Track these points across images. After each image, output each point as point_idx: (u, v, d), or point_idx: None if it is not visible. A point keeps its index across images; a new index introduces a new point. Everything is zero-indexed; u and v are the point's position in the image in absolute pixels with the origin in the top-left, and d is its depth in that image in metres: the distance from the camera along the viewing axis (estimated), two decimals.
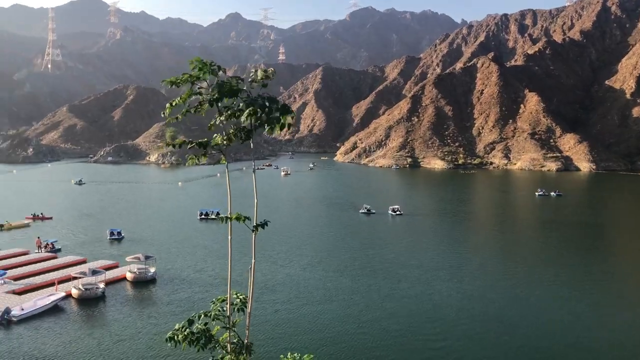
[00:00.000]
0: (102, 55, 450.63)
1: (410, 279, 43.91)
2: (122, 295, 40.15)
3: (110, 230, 61.48)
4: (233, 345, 5.35)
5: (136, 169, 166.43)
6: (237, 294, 5.64)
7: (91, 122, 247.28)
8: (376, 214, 76.81)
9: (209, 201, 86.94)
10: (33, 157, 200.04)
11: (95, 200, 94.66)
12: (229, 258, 5.30)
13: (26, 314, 33.79)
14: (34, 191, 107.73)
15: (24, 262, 47.74)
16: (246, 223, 5.33)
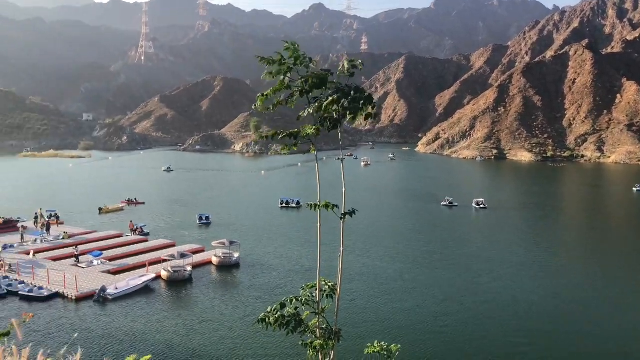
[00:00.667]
0: (191, 47, 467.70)
1: (491, 274, 42.68)
2: (208, 278, 41.76)
3: (200, 215, 64.06)
4: (322, 331, 5.42)
5: (222, 158, 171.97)
6: (325, 281, 5.70)
7: (181, 112, 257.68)
8: (459, 207, 75.06)
9: (290, 190, 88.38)
10: (127, 145, 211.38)
11: (183, 187, 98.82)
12: (319, 245, 5.36)
13: (120, 293, 35.94)
14: (128, 177, 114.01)
15: (118, 244, 50.72)
16: (334, 211, 5.34)
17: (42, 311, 33.33)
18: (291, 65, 5.14)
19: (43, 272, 39.44)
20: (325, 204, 5.30)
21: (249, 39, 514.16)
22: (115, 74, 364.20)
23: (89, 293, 35.88)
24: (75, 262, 43.13)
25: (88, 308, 34.43)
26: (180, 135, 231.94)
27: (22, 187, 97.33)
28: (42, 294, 35.72)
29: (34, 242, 50.51)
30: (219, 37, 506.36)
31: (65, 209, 67.39)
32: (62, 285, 36.73)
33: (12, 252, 46.20)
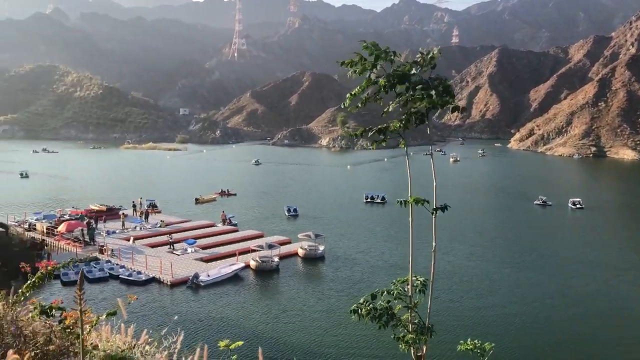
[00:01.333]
0: (282, 43, 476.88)
1: (585, 277, 40.57)
2: (293, 269, 42.73)
3: (288, 207, 65.63)
4: (414, 326, 5.50)
5: (309, 152, 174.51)
6: (416, 277, 5.76)
7: (271, 107, 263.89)
8: (553, 206, 71.75)
9: (375, 185, 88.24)
10: (220, 138, 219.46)
11: (271, 180, 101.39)
12: (410, 240, 5.44)
13: (211, 280, 37.60)
14: (220, 169, 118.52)
15: (210, 233, 52.97)
16: (425, 206, 5.40)
17: (139, 294, 35.52)
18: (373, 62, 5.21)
19: (141, 257, 41.99)
20: (416, 199, 5.36)
21: (338, 34, 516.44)
22: (210, 71, 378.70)
23: (183, 279, 37.80)
24: (170, 249, 45.52)
25: (181, 293, 36.32)
26: (270, 129, 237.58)
27: (124, 177, 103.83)
28: (140, 279, 38.06)
29: (134, 229, 53.82)
30: (308, 33, 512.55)
31: (162, 199, 71.21)
32: (159, 270, 38.93)
33: (114, 238, 49.54)
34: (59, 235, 48.02)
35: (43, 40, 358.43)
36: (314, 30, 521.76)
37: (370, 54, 5.23)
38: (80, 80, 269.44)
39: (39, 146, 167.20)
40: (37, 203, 69.97)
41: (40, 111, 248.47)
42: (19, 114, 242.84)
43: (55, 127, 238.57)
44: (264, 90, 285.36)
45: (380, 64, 5.21)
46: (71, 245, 46.21)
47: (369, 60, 5.24)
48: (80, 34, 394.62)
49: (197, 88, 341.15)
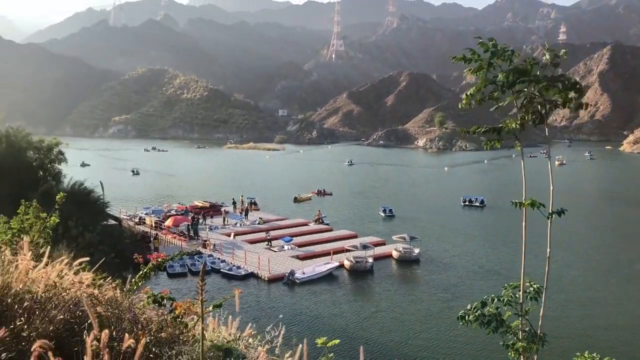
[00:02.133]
0: (380, 43, 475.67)
1: None
2: (387, 271, 42.49)
3: (383, 207, 65.50)
4: (525, 333, 5.30)
5: (404, 153, 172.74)
6: (530, 282, 5.53)
7: (367, 107, 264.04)
8: None
9: (473, 188, 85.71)
10: (316, 139, 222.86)
11: (366, 180, 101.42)
12: (523, 245, 5.23)
13: (306, 278, 38.27)
14: (316, 169, 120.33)
15: (305, 231, 53.91)
16: (540, 210, 5.17)
17: (239, 288, 36.89)
18: (489, 61, 5.04)
19: (241, 253, 43.57)
20: (531, 202, 5.15)
21: (437, 32, 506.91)
22: (308, 72, 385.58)
23: (279, 275, 38.78)
24: (267, 246, 46.84)
25: (278, 289, 37.26)
26: (365, 130, 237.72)
27: (226, 175, 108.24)
28: (239, 273, 39.51)
29: (234, 225, 55.92)
30: (406, 33, 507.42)
31: (261, 197, 73.41)
32: (257, 266, 40.18)
33: (216, 233, 51.76)
34: (166, 229, 50.91)
35: (154, 45, 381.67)
36: (413, 29, 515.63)
37: (485, 50, 5.08)
38: (187, 83, 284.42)
39: (149, 145, 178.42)
40: (146, 198, 74.66)
41: (150, 112, 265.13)
42: (132, 115, 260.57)
43: (163, 127, 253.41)
44: (360, 91, 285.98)
45: (497, 64, 5.03)
46: (177, 239, 48.86)
47: (484, 58, 5.08)
48: (188, 39, 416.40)
49: (295, 89, 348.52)
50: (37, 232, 6.21)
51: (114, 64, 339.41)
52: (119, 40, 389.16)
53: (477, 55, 5.08)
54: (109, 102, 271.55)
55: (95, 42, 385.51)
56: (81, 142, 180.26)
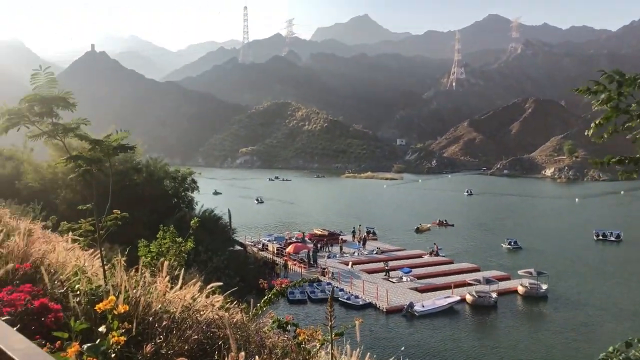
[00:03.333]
0: (502, 70, 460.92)
1: None
2: (512, 307, 40.29)
3: (508, 239, 62.99)
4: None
5: (531, 183, 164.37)
6: None
7: (489, 135, 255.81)
8: None
9: (608, 221, 79.28)
10: (435, 168, 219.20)
11: (488, 211, 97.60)
12: None
13: (426, 311, 37.32)
14: (435, 199, 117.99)
15: (425, 263, 52.81)
16: None
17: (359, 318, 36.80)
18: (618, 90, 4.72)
19: (359, 282, 43.56)
20: None
21: (565, 57, 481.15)
22: (427, 101, 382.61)
23: (398, 307, 38.17)
24: (385, 277, 46.41)
25: (397, 321, 36.65)
26: (487, 159, 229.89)
27: (344, 203, 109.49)
28: (357, 303, 39.45)
29: (352, 254, 56.19)
30: (531, 58, 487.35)
31: (379, 226, 73.23)
32: (375, 296, 39.91)
33: (334, 261, 52.29)
34: (287, 255, 52.37)
35: (278, 80, 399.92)
36: (538, 54, 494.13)
37: (609, 82, 4.78)
38: (308, 115, 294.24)
39: (273, 174, 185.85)
40: (269, 226, 77.44)
41: (274, 143, 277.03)
42: (257, 146, 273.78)
43: (286, 157, 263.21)
44: (482, 119, 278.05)
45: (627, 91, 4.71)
46: (297, 266, 50.03)
47: (612, 89, 4.78)
48: (310, 72, 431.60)
49: (414, 118, 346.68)
50: (173, 255, 6.69)
51: (242, 98, 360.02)
52: (246, 76, 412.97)
53: (603, 86, 4.79)
54: (236, 135, 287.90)
55: (226, 78, 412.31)
56: (211, 171, 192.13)
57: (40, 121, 4.30)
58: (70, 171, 5.13)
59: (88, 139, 4.48)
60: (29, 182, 35.07)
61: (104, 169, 4.93)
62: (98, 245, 5.38)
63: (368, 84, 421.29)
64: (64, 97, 4.19)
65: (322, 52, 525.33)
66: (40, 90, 4.18)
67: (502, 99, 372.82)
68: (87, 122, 4.43)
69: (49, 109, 4.16)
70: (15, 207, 21.44)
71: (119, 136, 4.63)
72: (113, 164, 4.94)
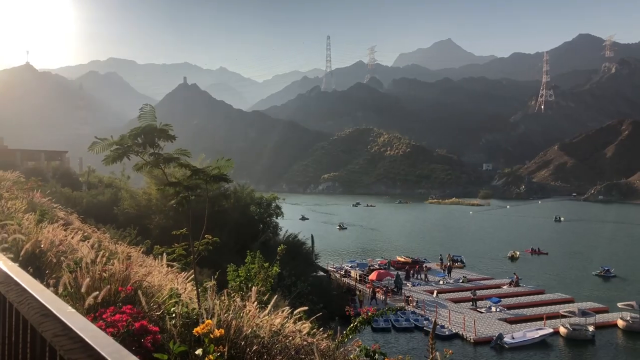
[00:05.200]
0: (595, 91, 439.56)
1: None
2: (612, 341, 37.59)
3: (602, 268, 60.06)
4: None
5: (627, 209, 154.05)
6: None
7: (581, 159, 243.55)
8: None
9: None
10: (524, 193, 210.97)
11: (582, 238, 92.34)
12: None
13: (516, 343, 35.56)
14: (526, 225, 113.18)
15: (515, 293, 50.52)
16: None
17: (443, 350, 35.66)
18: None
19: (445, 311, 42.29)
20: None
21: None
22: (514, 124, 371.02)
23: (487, 338, 36.63)
24: (473, 306, 44.80)
25: (485, 353, 35.16)
26: (580, 184, 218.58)
27: (428, 230, 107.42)
28: (443, 333, 38.22)
29: (437, 282, 54.77)
30: (627, 78, 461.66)
31: (466, 254, 71.10)
32: (462, 326, 38.57)
33: (418, 290, 51.18)
34: (370, 282, 51.85)
35: (360, 106, 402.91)
36: (635, 73, 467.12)
37: None
38: (390, 141, 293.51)
39: (355, 200, 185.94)
40: (351, 252, 77.25)
41: (356, 169, 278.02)
42: (339, 172, 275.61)
43: (367, 183, 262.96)
44: (573, 142, 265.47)
45: None
46: (380, 294, 49.38)
47: None
48: (391, 98, 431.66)
49: (500, 142, 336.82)
50: (260, 280, 6.84)
51: (325, 125, 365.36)
52: (329, 103, 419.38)
53: None
54: (319, 161, 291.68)
55: (309, 106, 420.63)
56: (295, 197, 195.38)
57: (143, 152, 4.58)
58: (165, 198, 5.41)
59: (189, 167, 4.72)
60: (126, 208, 37.19)
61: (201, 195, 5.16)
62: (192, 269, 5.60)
63: (452, 108, 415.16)
64: (165, 129, 4.45)
65: (405, 77, 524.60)
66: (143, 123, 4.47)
67: (594, 121, 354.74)
68: (188, 154, 4.68)
69: (152, 140, 4.44)
70: (113, 232, 22.80)
71: (219, 164, 4.83)
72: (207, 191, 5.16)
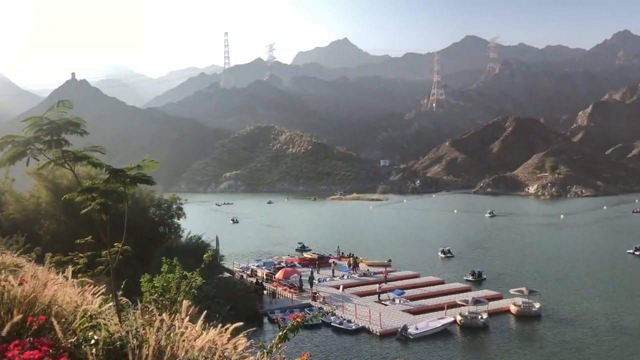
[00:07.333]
0: (482, 90, 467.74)
1: None
2: (504, 327, 39.81)
3: (472, 270, 57.01)
4: None
5: (513, 201, 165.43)
6: None
7: (471, 155, 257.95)
8: None
9: (592, 237, 79.68)
10: (419, 188, 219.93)
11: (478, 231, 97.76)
12: None
13: (420, 334, 36.72)
14: (419, 219, 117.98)
15: (417, 284, 52.32)
16: None
17: (351, 344, 36.10)
18: None
19: (351, 306, 42.87)
20: None
21: (543, 76, 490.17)
22: (409, 122, 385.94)
23: (392, 330, 37.52)
24: (378, 300, 45.77)
25: (391, 345, 35.98)
26: (470, 178, 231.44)
27: (334, 226, 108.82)
28: (350, 327, 38.72)
29: (342, 277, 55.51)
30: (510, 78, 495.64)
31: (369, 249, 72.63)
32: (368, 320, 39.25)
33: (325, 286, 51.57)
34: (277, 281, 51.52)
35: (261, 103, 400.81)
36: (516, 74, 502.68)
37: None
38: (292, 138, 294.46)
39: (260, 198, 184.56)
40: (257, 251, 76.44)
41: (258, 167, 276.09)
42: (241, 170, 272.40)
43: (270, 181, 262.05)
44: (463, 139, 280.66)
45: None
46: (287, 292, 49.18)
47: None
48: (292, 96, 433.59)
49: (396, 139, 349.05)
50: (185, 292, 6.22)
51: (225, 123, 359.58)
52: (228, 100, 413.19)
53: None
54: (220, 159, 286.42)
55: (208, 103, 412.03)
56: (196, 197, 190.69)
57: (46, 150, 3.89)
58: (56, 202, 4.68)
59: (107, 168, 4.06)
60: (11, 213, 34.11)
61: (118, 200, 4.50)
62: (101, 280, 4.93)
63: (350, 107, 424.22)
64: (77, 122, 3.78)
65: (304, 75, 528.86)
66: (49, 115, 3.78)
67: (482, 118, 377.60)
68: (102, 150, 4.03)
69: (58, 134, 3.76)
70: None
71: (144, 163, 4.21)
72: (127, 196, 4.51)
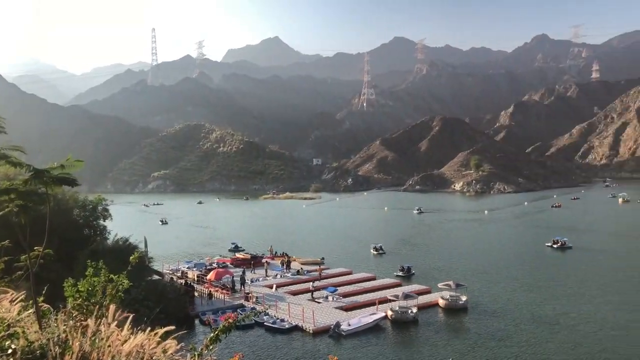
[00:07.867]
0: (410, 90, 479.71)
1: None
2: (433, 320, 41.06)
3: (401, 265, 58.38)
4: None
5: (442, 197, 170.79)
6: None
7: (401, 153, 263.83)
8: None
9: (513, 232, 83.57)
10: (351, 186, 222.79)
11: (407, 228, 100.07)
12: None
13: (352, 330, 37.25)
14: (350, 216, 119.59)
15: (349, 281, 53.02)
16: None
17: (284, 343, 36.10)
18: None
19: (284, 305, 42.89)
20: None
21: (468, 77, 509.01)
22: (340, 121, 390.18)
23: (325, 327, 37.84)
24: (311, 298, 46.03)
25: (324, 342, 36.29)
26: (400, 176, 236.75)
27: (265, 226, 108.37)
28: (283, 326, 38.73)
29: (275, 276, 55.45)
30: (436, 79, 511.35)
31: (302, 248, 72.87)
32: (301, 318, 39.40)
33: (258, 286, 51.31)
34: (208, 282, 50.75)
35: (190, 101, 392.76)
36: (442, 75, 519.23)
37: None
38: (223, 137, 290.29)
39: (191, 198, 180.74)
40: (188, 252, 75.00)
41: (188, 166, 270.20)
42: (170, 170, 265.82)
43: (201, 180, 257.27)
44: (393, 137, 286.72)
45: None
46: (219, 293, 48.56)
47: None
48: (223, 94, 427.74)
49: (328, 138, 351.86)
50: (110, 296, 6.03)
51: (153, 121, 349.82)
52: (156, 98, 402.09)
53: None
54: (147, 159, 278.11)
55: (134, 101, 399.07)
56: (122, 197, 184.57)
57: None
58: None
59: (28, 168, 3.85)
60: None
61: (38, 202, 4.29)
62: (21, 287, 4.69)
63: (282, 105, 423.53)
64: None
65: (235, 73, 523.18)
66: None
67: (411, 117, 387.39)
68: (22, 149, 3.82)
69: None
70: None
71: (68, 163, 4.03)
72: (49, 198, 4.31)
